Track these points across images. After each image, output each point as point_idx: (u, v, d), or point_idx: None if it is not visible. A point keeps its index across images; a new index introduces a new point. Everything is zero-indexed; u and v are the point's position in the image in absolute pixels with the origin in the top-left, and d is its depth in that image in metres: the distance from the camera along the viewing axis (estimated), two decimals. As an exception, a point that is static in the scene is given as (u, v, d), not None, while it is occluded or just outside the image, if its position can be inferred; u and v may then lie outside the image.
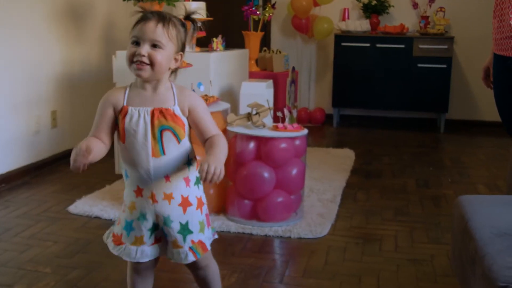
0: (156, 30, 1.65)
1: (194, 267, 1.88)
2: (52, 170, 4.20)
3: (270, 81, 4.34)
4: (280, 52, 5.79)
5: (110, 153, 1.87)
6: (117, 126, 1.75)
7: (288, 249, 2.90)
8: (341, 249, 2.85)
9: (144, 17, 1.67)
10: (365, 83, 6.06)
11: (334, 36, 6.11)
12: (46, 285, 2.41)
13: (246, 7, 5.39)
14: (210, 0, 4.35)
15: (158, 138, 1.69)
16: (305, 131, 3.18)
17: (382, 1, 6.16)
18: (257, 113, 3.19)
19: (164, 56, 1.67)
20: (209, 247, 1.83)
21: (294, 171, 3.13)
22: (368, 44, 6.00)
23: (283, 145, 3.07)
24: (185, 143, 1.74)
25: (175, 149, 1.72)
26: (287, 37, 6.63)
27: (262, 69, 5.72)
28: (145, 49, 1.64)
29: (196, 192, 1.80)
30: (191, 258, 1.78)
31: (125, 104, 1.72)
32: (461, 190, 3.83)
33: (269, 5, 5.59)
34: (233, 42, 5.76)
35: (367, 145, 5.30)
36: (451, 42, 5.85)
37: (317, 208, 3.39)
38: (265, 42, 6.49)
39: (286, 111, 3.23)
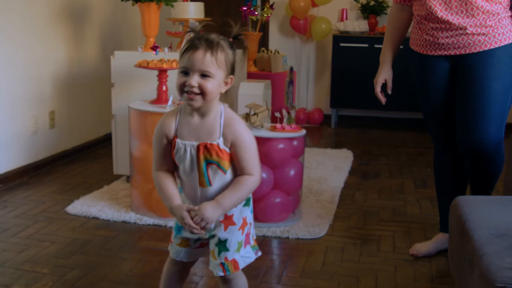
0: (205, 60, 1.62)
1: (222, 279, 1.88)
2: (50, 171, 4.19)
3: (268, 82, 4.34)
4: (278, 52, 5.79)
5: (108, 153, 1.87)
6: None
7: (286, 250, 2.90)
8: (339, 249, 2.86)
9: (192, 46, 1.64)
10: (363, 84, 6.05)
11: (332, 37, 6.11)
12: (44, 285, 2.41)
13: (245, 8, 5.39)
14: (208, 1, 4.36)
15: (204, 170, 1.71)
16: (303, 131, 3.19)
17: (380, 2, 6.17)
18: (255, 114, 3.20)
19: (215, 85, 1.65)
20: (241, 266, 1.82)
21: (292, 172, 3.13)
22: (366, 45, 6.00)
23: (281, 146, 3.07)
24: (231, 173, 1.74)
25: (222, 179, 1.73)
26: (286, 37, 6.63)
27: (260, 70, 5.71)
28: (195, 80, 1.63)
29: (244, 213, 1.80)
30: (219, 272, 1.80)
31: (174, 134, 1.73)
32: (459, 191, 3.83)
33: (268, 6, 5.58)
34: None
35: (365, 146, 5.31)
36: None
37: (315, 209, 3.40)
38: (264, 43, 6.49)
39: (284, 111, 3.23)
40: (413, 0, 2.61)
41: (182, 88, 1.65)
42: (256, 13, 5.41)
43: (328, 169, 4.32)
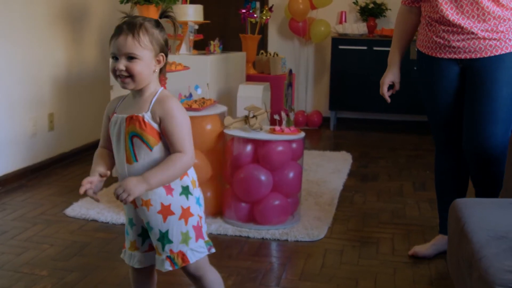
0: (127, 44, 1.67)
1: (190, 277, 1.87)
2: (49, 173, 4.19)
3: (267, 84, 4.35)
4: (277, 55, 5.80)
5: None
6: None
7: (285, 252, 2.89)
8: (338, 252, 2.86)
9: (116, 32, 1.72)
10: (362, 86, 6.07)
11: (331, 39, 6.12)
12: (43, 287, 2.41)
13: (244, 10, 5.40)
14: (207, 3, 4.36)
15: (129, 144, 1.71)
16: (302, 134, 3.19)
17: (379, 4, 6.18)
18: (254, 116, 3.20)
19: (142, 66, 1.69)
20: (191, 260, 1.78)
21: (291, 174, 3.13)
22: (365, 47, 6.01)
23: (280, 148, 3.07)
24: (160, 151, 1.72)
25: (148, 156, 1.71)
26: (284, 40, 6.63)
27: (259, 72, 5.72)
28: (122, 63, 1.68)
29: (182, 202, 1.76)
30: (167, 267, 1.77)
31: (114, 112, 1.78)
32: (457, 193, 3.84)
33: (266, 8, 5.59)
34: (231, 45, 5.77)
35: (364, 148, 5.31)
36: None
37: (314, 211, 3.40)
38: (263, 45, 6.50)
39: (283, 114, 3.23)
40: (422, 2, 2.60)
41: (114, 73, 1.70)
42: (255, 15, 5.42)
43: (327, 172, 4.32)
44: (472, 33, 2.43)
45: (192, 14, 4.10)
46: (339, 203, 3.62)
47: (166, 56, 1.77)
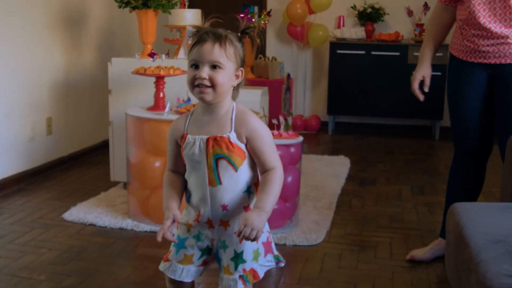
0: (214, 51, 1.61)
1: None
2: (47, 177, 4.19)
3: (265, 89, 4.34)
4: (275, 59, 5.80)
5: (105, 160, 1.87)
6: None
7: (283, 256, 2.88)
8: (336, 256, 2.86)
9: (200, 39, 1.63)
10: (360, 91, 6.08)
11: (329, 44, 6.13)
12: (40, 292, 2.41)
13: (242, 15, 5.40)
14: (205, 8, 4.36)
15: (213, 167, 1.66)
16: (300, 138, 3.19)
17: (377, 9, 6.19)
18: (252, 120, 3.19)
19: (226, 76, 1.63)
20: (261, 275, 1.76)
21: (289, 179, 3.13)
22: (363, 52, 6.02)
23: (278, 152, 3.06)
24: (244, 171, 1.70)
25: (232, 177, 1.68)
26: (283, 44, 6.64)
27: (257, 76, 5.72)
28: (205, 71, 1.61)
29: None
30: (240, 286, 1.73)
31: (185, 132, 1.71)
32: (456, 197, 3.84)
33: (265, 13, 5.60)
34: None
35: (362, 152, 5.31)
36: (446, 50, 5.84)
37: (312, 215, 3.40)
38: (261, 50, 6.50)
39: (281, 118, 3.23)
40: (458, 4, 2.59)
41: (193, 82, 1.63)
42: (253, 20, 5.42)
43: (325, 176, 4.32)
44: (502, 37, 2.42)
45: (191, 19, 4.10)
46: (338, 207, 3.62)
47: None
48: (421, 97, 2.79)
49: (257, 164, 1.71)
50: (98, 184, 3.99)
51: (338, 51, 6.07)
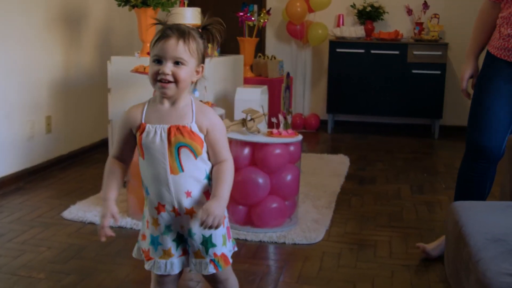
0: (178, 48, 1.64)
1: (214, 280, 1.88)
2: (46, 176, 4.19)
3: (265, 87, 4.35)
4: (275, 58, 5.80)
5: (104, 159, 1.87)
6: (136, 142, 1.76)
7: (282, 255, 2.89)
8: (335, 255, 2.86)
9: (164, 35, 1.66)
10: (360, 89, 6.08)
11: (328, 42, 6.13)
12: (39, 291, 2.41)
13: (241, 13, 5.40)
14: (205, 6, 4.36)
15: (175, 155, 1.69)
16: (300, 137, 3.19)
17: (376, 8, 6.19)
18: (251, 119, 3.20)
19: (188, 72, 1.67)
20: (231, 260, 1.83)
21: (289, 177, 3.13)
22: (362, 50, 6.02)
23: (278, 151, 3.07)
24: (203, 159, 1.73)
25: (193, 165, 1.71)
26: (282, 43, 6.64)
27: (257, 75, 5.72)
28: (168, 67, 1.64)
29: None
30: (211, 270, 1.79)
31: (143, 122, 1.72)
32: (455, 196, 3.84)
33: (264, 11, 5.60)
34: (228, 48, 5.77)
35: (362, 151, 5.31)
36: (445, 49, 5.87)
37: (312, 214, 3.39)
38: (260, 48, 6.50)
39: (280, 117, 3.23)
40: (504, 3, 2.59)
41: (155, 77, 1.66)
42: (252, 18, 5.43)
43: (325, 175, 4.32)
44: None
45: (190, 17, 4.10)
46: (337, 206, 3.62)
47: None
48: (469, 97, 2.79)
49: (211, 155, 1.75)
50: (97, 183, 3.99)
51: (338, 50, 6.07)
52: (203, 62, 1.74)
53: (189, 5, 4.36)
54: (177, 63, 1.65)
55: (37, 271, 2.59)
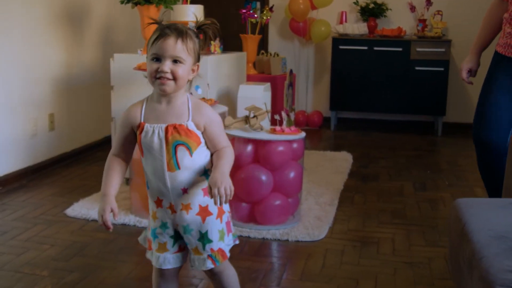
0: (176, 47, 1.69)
1: (211, 272, 1.91)
2: (49, 173, 4.19)
3: (268, 84, 4.34)
4: (277, 55, 5.80)
5: (107, 156, 1.88)
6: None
7: (285, 252, 2.89)
8: (338, 252, 2.86)
9: (163, 33, 1.70)
10: (363, 87, 6.07)
11: (331, 39, 6.12)
12: (43, 288, 2.41)
13: (244, 10, 5.40)
14: (208, 3, 4.35)
15: (172, 153, 1.73)
16: (303, 134, 3.19)
17: (379, 4, 6.18)
18: (254, 116, 3.20)
19: (185, 70, 1.71)
20: (228, 254, 1.87)
21: (292, 174, 3.13)
22: (365, 47, 6.01)
23: (281, 148, 3.07)
24: (200, 156, 1.77)
25: (190, 162, 1.75)
26: (285, 40, 6.64)
27: (259, 72, 5.72)
28: (167, 65, 1.68)
29: None
30: (209, 265, 1.83)
31: (142, 121, 1.76)
32: (458, 193, 3.84)
33: (267, 8, 5.59)
34: (231, 45, 5.77)
35: (365, 148, 5.31)
36: (449, 45, 5.86)
37: (315, 211, 3.39)
38: (263, 45, 6.50)
39: (283, 114, 3.23)
40: (510, 2, 2.64)
41: (154, 75, 1.70)
42: (255, 15, 5.42)
43: (328, 172, 4.32)
44: None
45: (193, 15, 4.09)
46: (340, 203, 3.61)
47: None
48: (470, 83, 2.96)
49: (210, 147, 1.80)
50: (100, 180, 3.93)
51: (341, 47, 6.06)
52: (198, 60, 1.78)
53: (192, 2, 4.35)
54: (175, 61, 1.69)
55: (40, 269, 2.60)
